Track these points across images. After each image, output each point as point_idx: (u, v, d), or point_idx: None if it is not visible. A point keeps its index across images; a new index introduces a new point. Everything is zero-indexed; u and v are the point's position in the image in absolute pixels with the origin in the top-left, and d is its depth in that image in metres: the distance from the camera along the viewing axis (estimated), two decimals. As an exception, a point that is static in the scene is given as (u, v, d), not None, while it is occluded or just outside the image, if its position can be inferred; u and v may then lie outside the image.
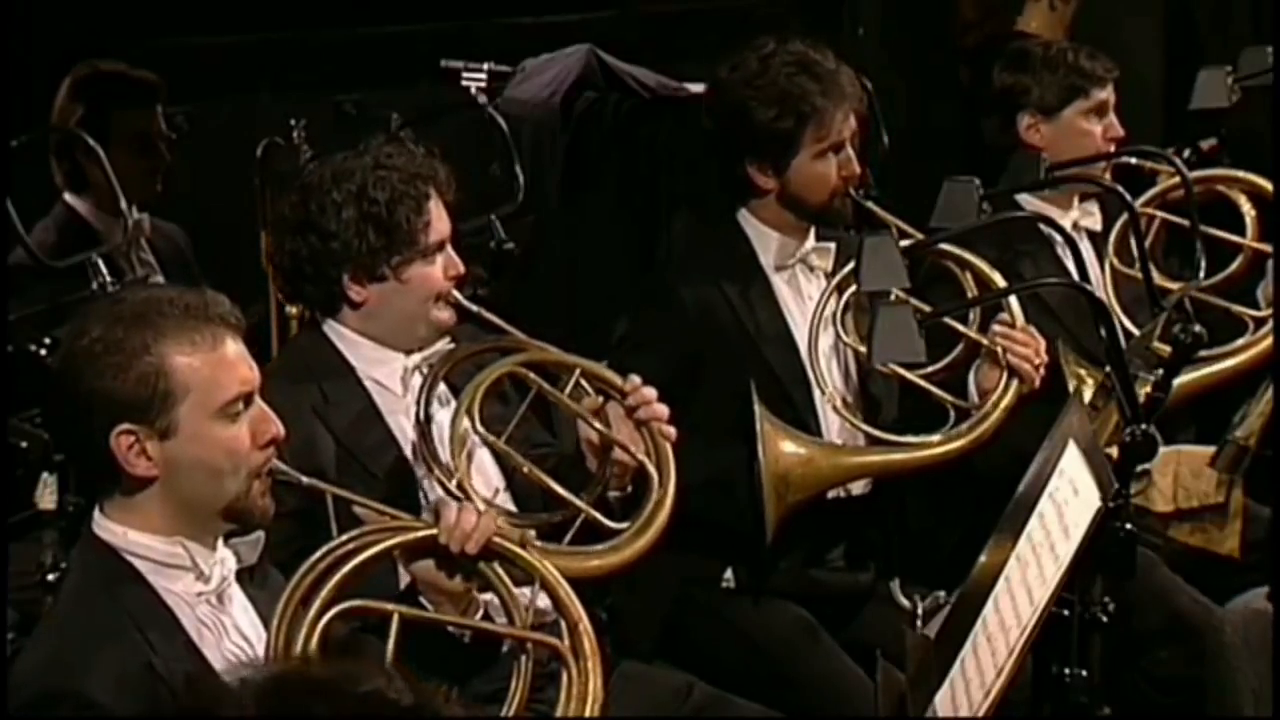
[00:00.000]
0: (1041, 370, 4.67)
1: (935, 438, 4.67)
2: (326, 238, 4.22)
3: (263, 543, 3.54)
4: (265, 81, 7.28)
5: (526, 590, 3.59)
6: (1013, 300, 4.74)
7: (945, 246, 4.72)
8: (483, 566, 3.53)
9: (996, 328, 4.70)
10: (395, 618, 3.43)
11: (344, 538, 3.46)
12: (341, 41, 7.57)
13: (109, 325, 3.39)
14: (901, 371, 4.68)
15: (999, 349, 4.67)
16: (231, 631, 3.48)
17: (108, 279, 4.93)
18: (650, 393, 4.23)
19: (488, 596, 3.63)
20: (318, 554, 3.42)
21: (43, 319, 4.83)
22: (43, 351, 4.74)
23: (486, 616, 3.62)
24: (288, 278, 4.32)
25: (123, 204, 5.34)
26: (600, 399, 4.24)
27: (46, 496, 4.72)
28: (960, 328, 4.73)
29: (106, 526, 3.44)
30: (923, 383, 4.69)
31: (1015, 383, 4.67)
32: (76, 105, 5.95)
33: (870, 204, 4.75)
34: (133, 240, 5.66)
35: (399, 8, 7.67)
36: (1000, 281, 4.76)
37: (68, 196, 5.95)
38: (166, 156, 6.03)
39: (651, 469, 4.20)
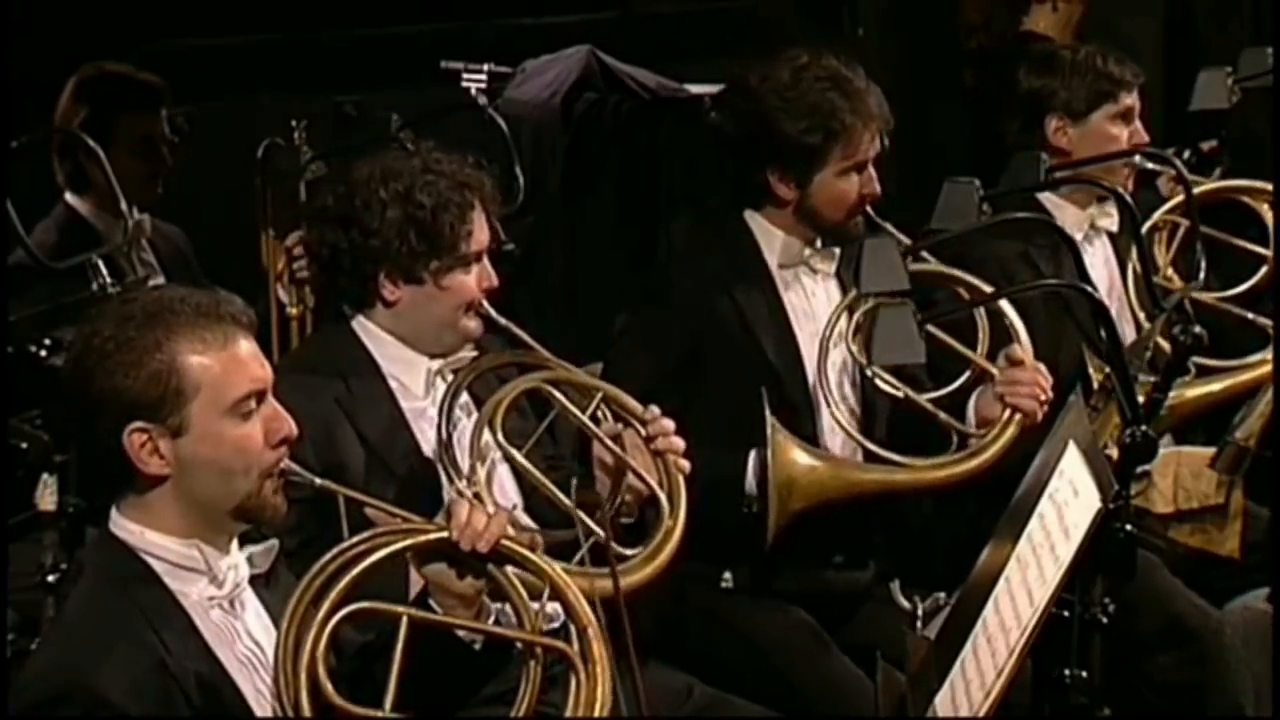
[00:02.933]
0: (1045, 407, 4.66)
1: (939, 460, 4.68)
2: (368, 234, 4.24)
3: (276, 550, 3.54)
4: (265, 82, 7.28)
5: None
6: (1021, 332, 4.73)
7: (936, 268, 4.72)
8: (493, 570, 3.53)
9: (1001, 376, 4.69)
10: (405, 620, 3.43)
11: (355, 539, 3.46)
12: (341, 42, 7.58)
13: (120, 324, 3.41)
14: (909, 392, 4.69)
15: (1000, 391, 4.67)
16: (244, 636, 3.49)
17: (108, 280, 4.93)
18: (669, 424, 4.24)
19: (496, 605, 3.63)
20: (328, 555, 3.42)
21: (43, 319, 4.83)
22: (43, 352, 4.74)
23: (496, 623, 3.62)
24: (323, 268, 4.35)
25: (123, 205, 5.34)
26: (618, 425, 4.25)
27: (46, 498, 4.72)
28: (969, 354, 4.72)
29: (124, 526, 3.45)
30: (928, 405, 4.70)
31: (1018, 415, 4.68)
32: (80, 107, 5.94)
33: (887, 225, 4.73)
34: (133, 241, 5.66)
35: (399, 8, 7.68)
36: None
37: (69, 197, 5.95)
38: (168, 160, 6.03)
39: (664, 498, 4.21)
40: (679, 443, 4.24)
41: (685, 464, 4.24)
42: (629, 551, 4.15)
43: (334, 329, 4.42)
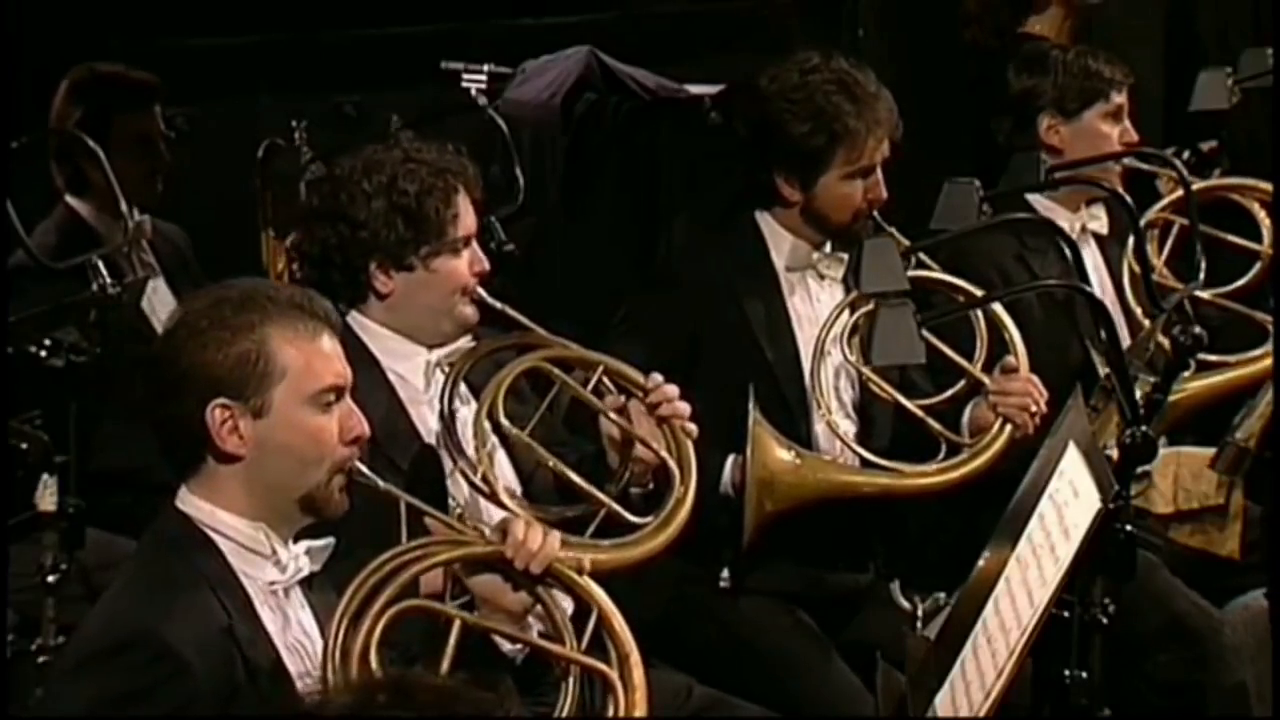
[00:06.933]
0: (1037, 418, 4.67)
1: (925, 468, 4.68)
2: (356, 227, 4.28)
3: (332, 549, 3.58)
4: (265, 83, 7.29)
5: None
6: (1018, 341, 4.75)
7: (932, 273, 4.73)
8: (540, 589, 3.58)
9: (993, 385, 4.70)
10: (457, 623, 3.47)
11: (410, 544, 3.52)
12: (341, 42, 7.58)
13: (216, 305, 3.50)
14: (899, 398, 4.70)
15: (992, 400, 4.68)
16: (294, 625, 3.53)
17: (108, 280, 4.93)
18: (672, 390, 4.25)
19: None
20: (384, 557, 3.47)
21: (43, 320, 4.83)
22: (43, 352, 4.75)
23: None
24: (315, 266, 4.37)
25: (123, 206, 5.33)
26: (622, 397, 4.27)
27: (46, 498, 4.73)
28: (963, 364, 4.73)
29: (193, 502, 3.50)
30: (919, 412, 4.70)
31: (1009, 426, 4.68)
32: (74, 109, 5.89)
33: (892, 230, 4.73)
34: (133, 241, 5.65)
35: (399, 9, 7.69)
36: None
37: (68, 199, 5.93)
38: (166, 158, 5.98)
39: (673, 465, 4.23)
40: (683, 407, 4.26)
41: (692, 428, 4.26)
42: (641, 520, 4.17)
43: None
